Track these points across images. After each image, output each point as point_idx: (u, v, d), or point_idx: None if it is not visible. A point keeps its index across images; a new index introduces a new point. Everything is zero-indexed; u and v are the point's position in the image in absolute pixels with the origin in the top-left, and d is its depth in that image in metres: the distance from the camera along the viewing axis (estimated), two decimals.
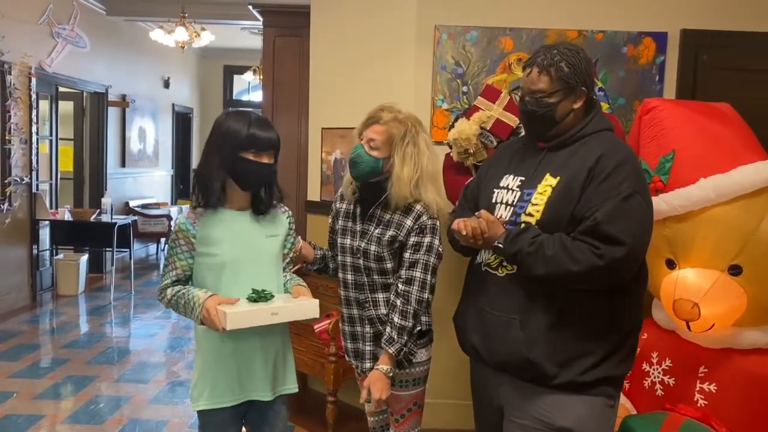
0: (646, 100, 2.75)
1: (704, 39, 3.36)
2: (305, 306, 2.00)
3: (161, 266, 8.67)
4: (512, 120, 2.84)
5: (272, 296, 2.00)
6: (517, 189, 1.90)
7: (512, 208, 1.88)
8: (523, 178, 1.91)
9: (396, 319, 2.14)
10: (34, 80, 6.21)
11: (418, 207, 2.18)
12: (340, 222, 2.31)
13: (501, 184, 1.96)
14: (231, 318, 1.85)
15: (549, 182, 1.83)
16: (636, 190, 1.74)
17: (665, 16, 3.37)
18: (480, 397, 2.09)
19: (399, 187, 2.13)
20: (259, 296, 1.98)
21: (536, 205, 1.82)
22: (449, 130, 2.93)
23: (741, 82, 3.33)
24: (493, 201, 1.95)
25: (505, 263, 1.87)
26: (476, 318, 1.95)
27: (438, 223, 2.21)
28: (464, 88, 3.41)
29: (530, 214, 1.82)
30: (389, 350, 2.14)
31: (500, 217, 1.90)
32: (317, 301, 2.02)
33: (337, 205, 2.37)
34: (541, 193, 1.82)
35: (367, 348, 2.26)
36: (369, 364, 2.25)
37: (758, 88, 3.36)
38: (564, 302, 1.79)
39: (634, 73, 3.36)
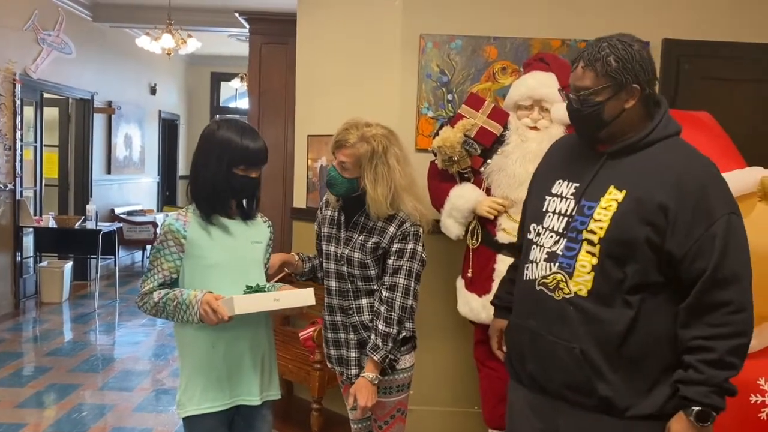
0: None
1: (685, 48, 3.41)
2: (302, 294, 2.05)
3: None
4: (496, 128, 2.86)
5: (266, 290, 2.06)
6: (572, 197, 1.74)
7: (566, 218, 1.72)
8: (577, 185, 1.74)
9: (380, 326, 2.16)
10: (18, 86, 6.17)
11: (401, 214, 2.20)
12: (325, 229, 2.33)
13: (553, 191, 1.80)
14: (238, 302, 1.89)
15: (614, 196, 1.65)
16: (727, 210, 1.61)
17: (647, 26, 3.40)
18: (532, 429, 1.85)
19: (376, 207, 2.17)
20: (255, 291, 2.03)
21: (599, 221, 1.65)
22: (434, 137, 2.95)
23: (721, 91, 3.39)
24: (544, 210, 1.79)
25: (562, 285, 1.70)
26: (530, 343, 1.78)
27: (421, 230, 2.23)
28: (449, 96, 3.43)
29: (592, 231, 1.65)
30: (374, 357, 2.15)
31: (551, 227, 1.75)
32: (312, 289, 2.06)
33: (323, 212, 2.38)
34: (605, 208, 1.65)
35: (352, 355, 2.27)
36: (355, 371, 2.26)
37: (738, 97, 3.42)
38: (628, 326, 1.64)
39: None
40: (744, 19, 3.44)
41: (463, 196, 2.85)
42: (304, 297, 2.05)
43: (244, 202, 2.14)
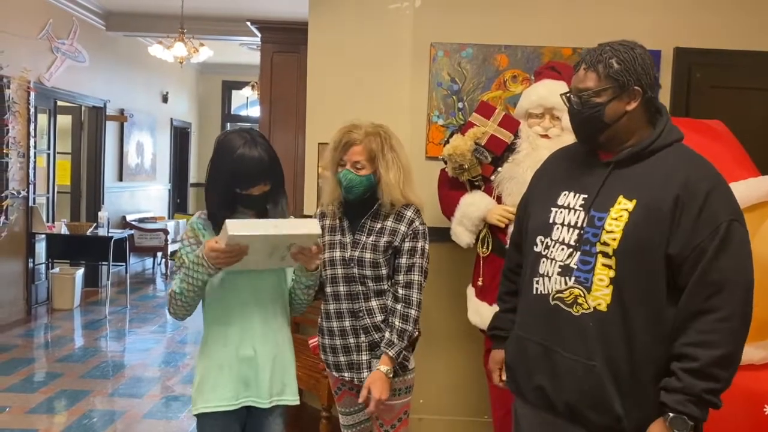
0: None
1: (697, 57, 3.41)
2: (305, 222, 2.00)
3: (158, 280, 8.66)
4: (506, 136, 2.86)
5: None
6: (581, 209, 1.71)
7: (577, 231, 1.70)
8: (585, 196, 1.72)
9: (397, 322, 2.21)
10: (32, 94, 6.23)
11: (409, 213, 2.26)
12: (326, 238, 2.33)
13: (559, 203, 1.77)
14: (231, 225, 1.82)
15: (624, 206, 1.64)
16: (730, 217, 1.59)
17: (659, 35, 3.40)
18: None
19: (390, 192, 2.23)
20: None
21: (611, 232, 1.63)
22: (444, 145, 2.95)
23: (733, 100, 3.38)
24: (551, 221, 1.76)
25: (580, 300, 1.66)
26: (542, 358, 1.74)
27: (426, 227, 2.29)
28: (459, 105, 3.44)
29: (605, 243, 1.63)
30: (389, 353, 2.18)
31: (561, 240, 1.72)
32: (317, 220, 2.03)
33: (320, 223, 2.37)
34: (616, 219, 1.63)
35: (364, 357, 2.28)
36: (366, 374, 2.26)
37: (750, 105, 3.41)
38: (646, 343, 1.62)
39: None
40: (756, 27, 3.43)
41: (474, 204, 2.85)
42: (308, 225, 1.96)
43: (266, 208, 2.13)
